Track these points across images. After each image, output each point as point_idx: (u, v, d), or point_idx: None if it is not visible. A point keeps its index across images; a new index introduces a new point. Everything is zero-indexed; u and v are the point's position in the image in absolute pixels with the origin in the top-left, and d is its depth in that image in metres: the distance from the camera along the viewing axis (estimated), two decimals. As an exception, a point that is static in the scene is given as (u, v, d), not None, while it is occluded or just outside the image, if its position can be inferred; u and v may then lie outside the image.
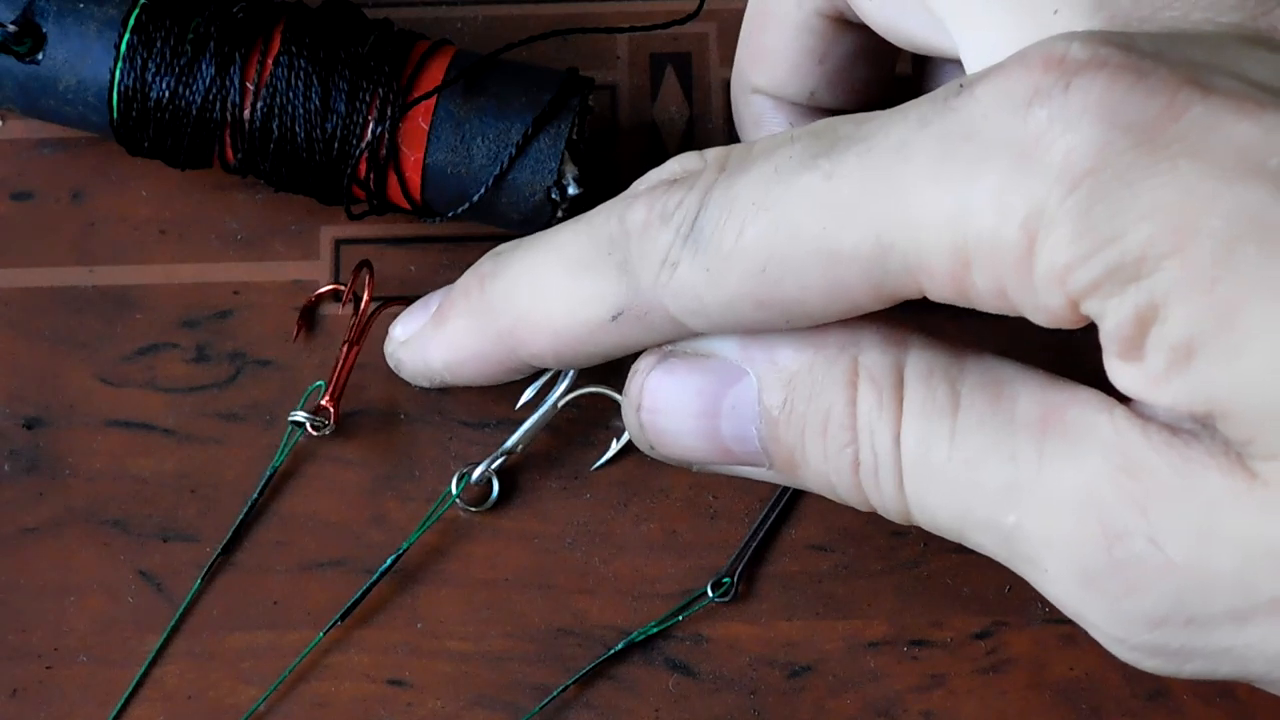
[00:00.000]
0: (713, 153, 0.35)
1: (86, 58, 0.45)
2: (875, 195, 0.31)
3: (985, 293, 0.31)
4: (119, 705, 0.44)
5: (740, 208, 0.33)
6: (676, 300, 0.35)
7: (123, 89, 0.45)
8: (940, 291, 0.32)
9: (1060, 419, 0.32)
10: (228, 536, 0.45)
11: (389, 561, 0.45)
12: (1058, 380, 0.33)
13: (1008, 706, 0.45)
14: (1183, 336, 0.29)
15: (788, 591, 0.45)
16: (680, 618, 0.45)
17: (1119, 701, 0.45)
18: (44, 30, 0.45)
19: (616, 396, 0.46)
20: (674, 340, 0.36)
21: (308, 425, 0.45)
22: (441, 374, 0.41)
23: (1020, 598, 0.45)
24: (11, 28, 0.44)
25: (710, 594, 0.45)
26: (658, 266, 0.35)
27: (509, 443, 0.45)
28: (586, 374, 0.46)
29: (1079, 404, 0.32)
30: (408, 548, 0.45)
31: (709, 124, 0.49)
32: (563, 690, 0.44)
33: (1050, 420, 0.32)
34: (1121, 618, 0.32)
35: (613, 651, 0.45)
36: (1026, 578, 0.33)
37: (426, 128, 0.44)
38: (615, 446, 0.46)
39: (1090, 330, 0.31)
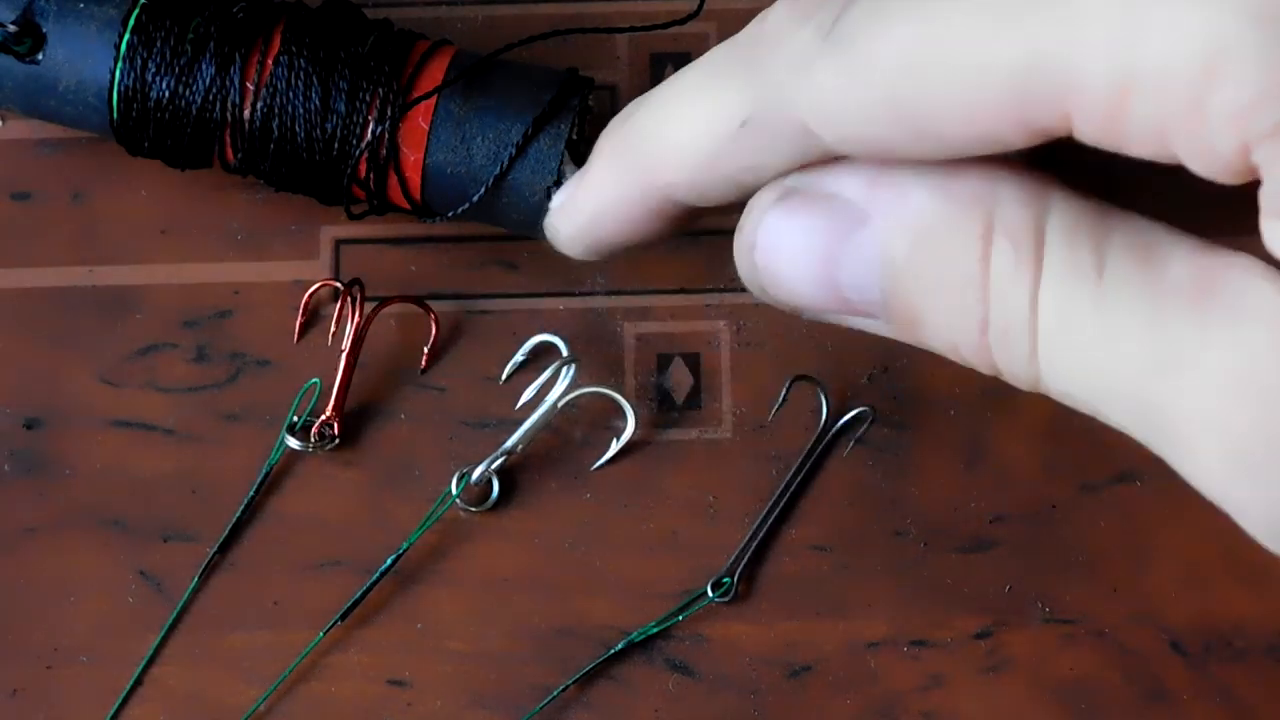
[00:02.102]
0: None
1: (86, 58, 0.45)
2: (1038, 1, 0.29)
3: (1142, 130, 0.29)
4: (116, 705, 0.44)
5: (889, 6, 0.31)
6: (809, 103, 0.32)
7: (123, 89, 0.44)
8: (1089, 126, 0.29)
9: (1218, 287, 0.30)
10: (224, 535, 0.45)
11: (389, 561, 0.45)
12: (1213, 245, 0.30)
13: (1008, 706, 0.45)
14: None
15: (788, 591, 0.45)
16: (680, 618, 0.45)
17: (1119, 701, 0.45)
18: (44, 30, 0.45)
19: (617, 396, 0.46)
20: (800, 166, 0.34)
21: (310, 449, 0.45)
22: (591, 233, 0.38)
23: (1020, 598, 0.45)
24: (11, 28, 0.44)
25: (710, 594, 0.45)
26: (793, 65, 0.32)
27: (509, 443, 0.45)
28: (587, 374, 0.46)
29: (1239, 270, 0.30)
30: (408, 548, 0.45)
31: (709, 124, 0.49)
32: (563, 690, 0.44)
33: (1207, 288, 0.30)
34: (1278, 504, 0.30)
35: (613, 651, 0.45)
36: (1166, 458, 0.31)
37: (426, 128, 0.44)
38: (615, 446, 0.46)
39: None
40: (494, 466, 0.45)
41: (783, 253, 0.34)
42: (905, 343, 0.34)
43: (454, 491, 0.45)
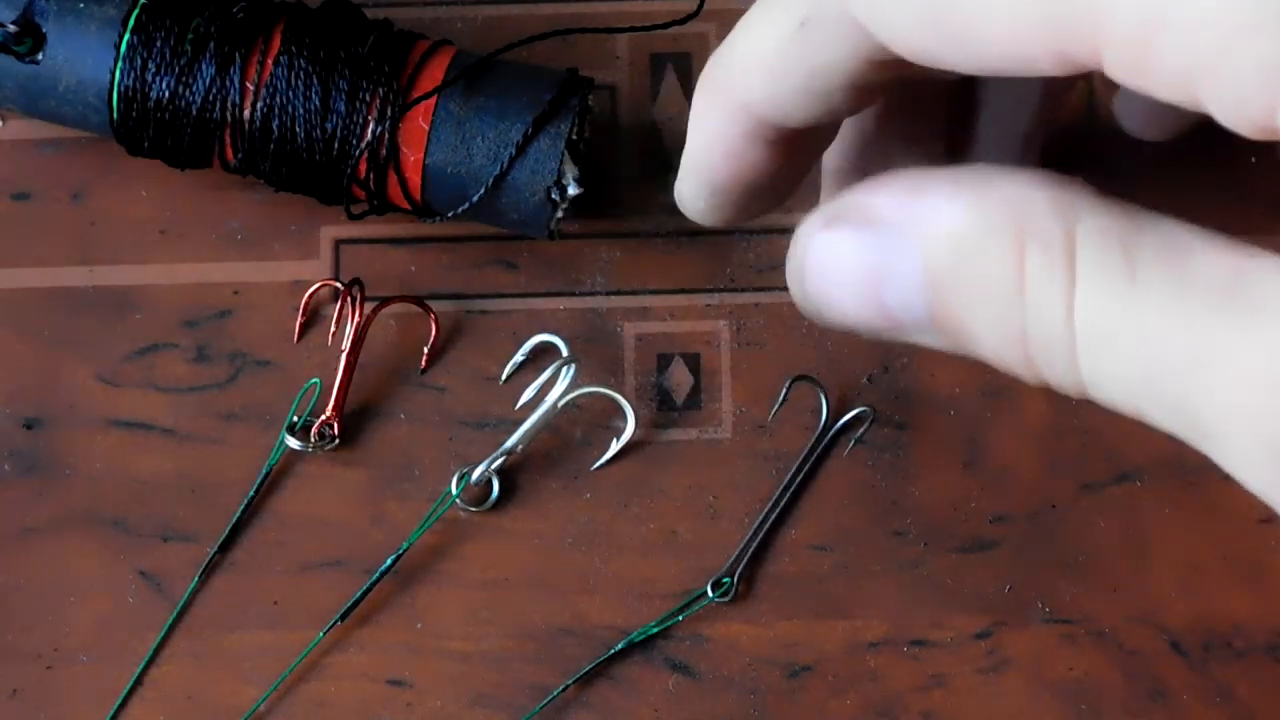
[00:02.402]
0: None
1: (86, 58, 0.45)
2: None
3: (1169, 72, 0.29)
4: (117, 705, 0.44)
5: None
6: (860, 2, 0.33)
7: (123, 89, 0.44)
8: (1118, 63, 0.30)
9: (1246, 285, 0.30)
10: (224, 535, 0.45)
11: (389, 561, 0.45)
12: (1241, 244, 0.31)
13: (1008, 706, 0.45)
14: None
15: (788, 591, 0.45)
16: (680, 618, 0.45)
17: (1119, 701, 0.45)
18: (44, 30, 0.45)
19: (617, 396, 0.46)
20: (864, 72, 0.35)
21: (310, 449, 0.45)
22: (706, 178, 0.39)
23: (1020, 598, 0.45)
24: (11, 28, 0.44)
25: (710, 594, 0.45)
26: None
27: (509, 443, 0.45)
28: (587, 374, 0.46)
29: (1267, 269, 0.30)
30: (408, 548, 0.45)
31: (709, 124, 0.49)
32: (563, 690, 0.44)
33: (1236, 287, 0.30)
34: None
35: (613, 651, 0.45)
36: (1208, 454, 0.32)
37: (426, 128, 0.44)
38: (615, 446, 0.46)
39: None
40: (494, 466, 0.45)
41: (831, 276, 0.35)
42: (961, 355, 0.34)
43: (454, 491, 0.45)
